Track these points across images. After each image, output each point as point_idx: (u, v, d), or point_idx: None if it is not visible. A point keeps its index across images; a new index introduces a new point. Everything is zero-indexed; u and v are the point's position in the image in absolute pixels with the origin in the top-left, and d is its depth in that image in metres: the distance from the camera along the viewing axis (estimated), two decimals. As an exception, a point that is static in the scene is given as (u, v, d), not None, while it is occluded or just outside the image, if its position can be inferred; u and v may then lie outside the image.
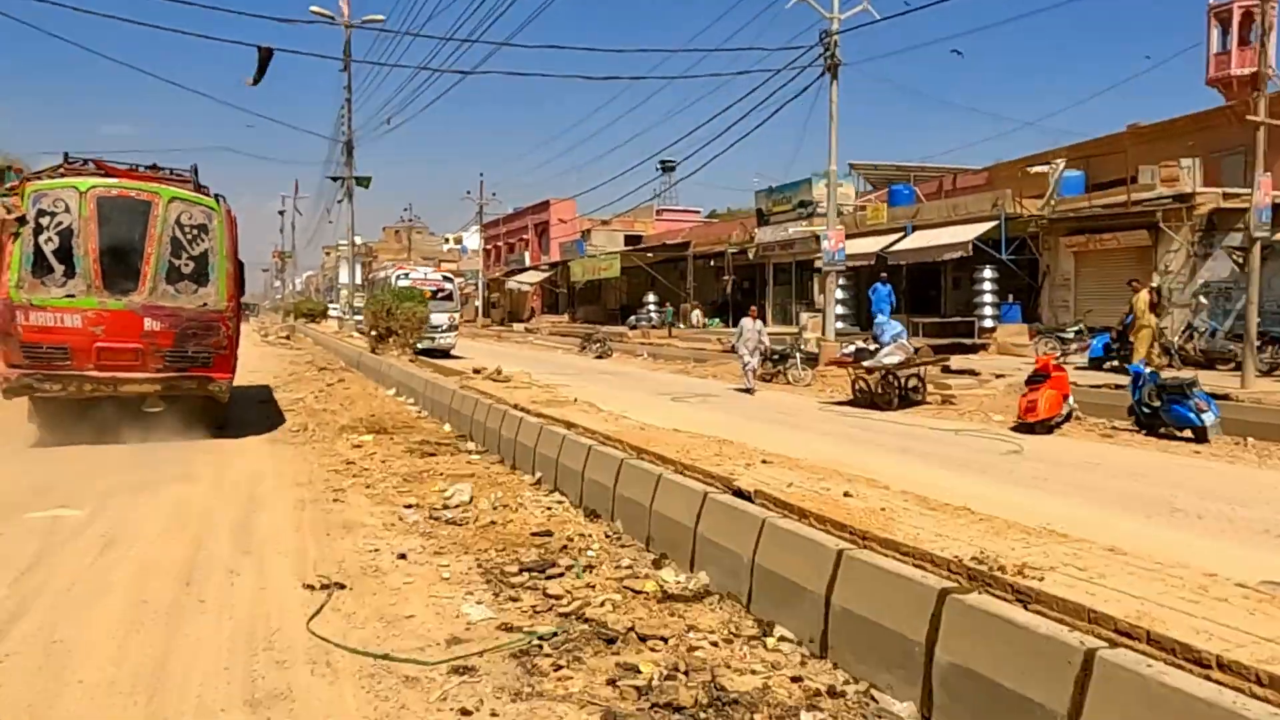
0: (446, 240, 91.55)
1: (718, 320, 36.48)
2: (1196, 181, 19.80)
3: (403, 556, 5.56)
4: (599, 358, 30.90)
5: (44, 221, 9.33)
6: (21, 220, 9.24)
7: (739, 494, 5.00)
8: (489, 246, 66.89)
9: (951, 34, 65.15)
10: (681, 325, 37.24)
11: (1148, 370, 12.78)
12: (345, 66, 27.55)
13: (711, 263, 38.34)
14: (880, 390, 15.41)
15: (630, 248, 43.15)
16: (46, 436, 10.03)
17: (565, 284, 52.03)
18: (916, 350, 16.01)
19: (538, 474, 7.87)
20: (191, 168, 10.60)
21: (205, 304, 10.01)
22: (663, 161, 63.55)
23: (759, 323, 17.69)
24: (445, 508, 6.80)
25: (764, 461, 5.83)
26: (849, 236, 29.43)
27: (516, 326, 50.62)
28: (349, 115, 29.13)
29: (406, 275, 28.08)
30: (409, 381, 14.80)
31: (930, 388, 15.84)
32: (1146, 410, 12.05)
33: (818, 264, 29.27)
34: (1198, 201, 19.37)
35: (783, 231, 31.05)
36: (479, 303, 59.30)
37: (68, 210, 9.41)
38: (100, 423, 10.00)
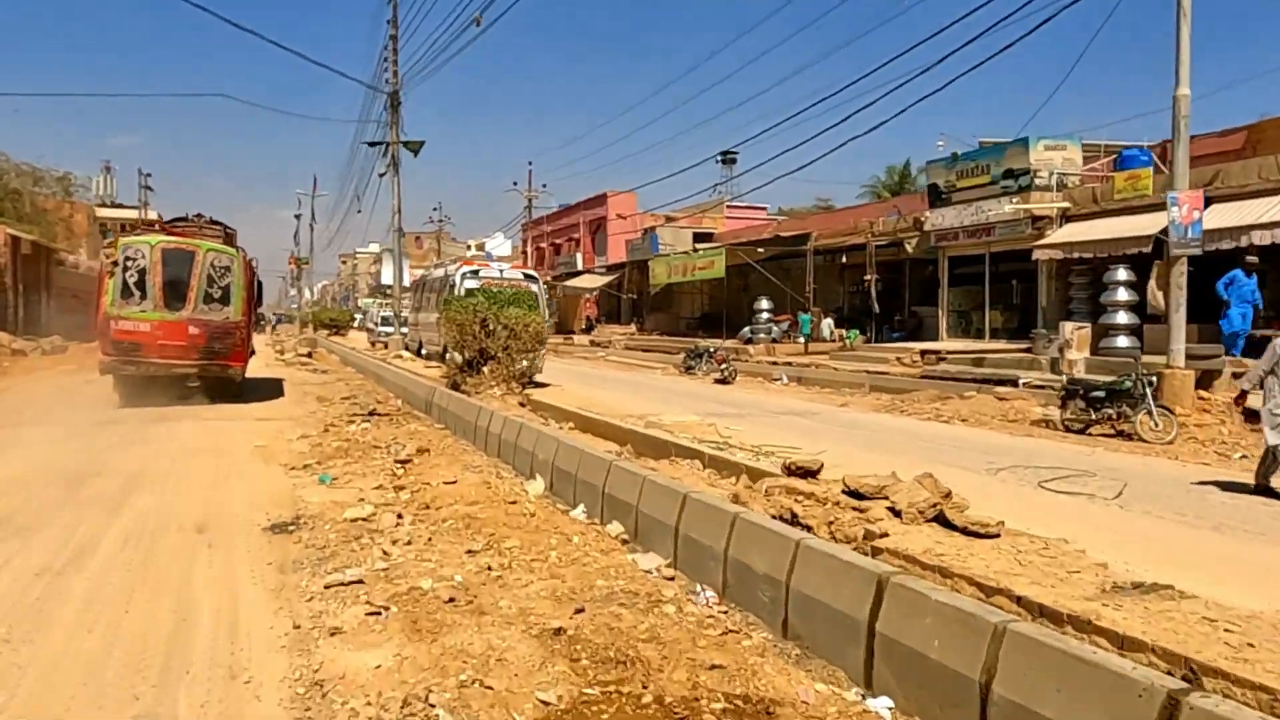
0: (469, 247, 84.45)
1: (857, 332, 28.42)
2: None
3: None
4: (721, 382, 23.13)
5: (128, 264, 13.89)
6: (115, 263, 13.90)
7: None
8: (530, 248, 59.13)
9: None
10: (804, 338, 29.29)
11: None
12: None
13: (843, 258, 30.34)
14: None
15: (735, 243, 35.14)
16: (124, 401, 14.13)
17: (635, 289, 44.15)
18: None
19: None
20: (224, 224, 15.74)
21: (227, 318, 14.38)
22: (723, 153, 55.87)
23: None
24: None
25: None
26: (1086, 216, 21.45)
27: (578, 339, 42.66)
28: (394, 55, 21.21)
29: (475, 273, 20.19)
30: (594, 476, 6.78)
31: None
32: None
33: (1037, 255, 21.29)
34: None
35: (973, 213, 23.00)
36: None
37: (143, 257, 13.97)
38: (158, 393, 14.14)
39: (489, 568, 5.25)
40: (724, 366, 23.36)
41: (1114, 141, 25.91)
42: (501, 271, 20.43)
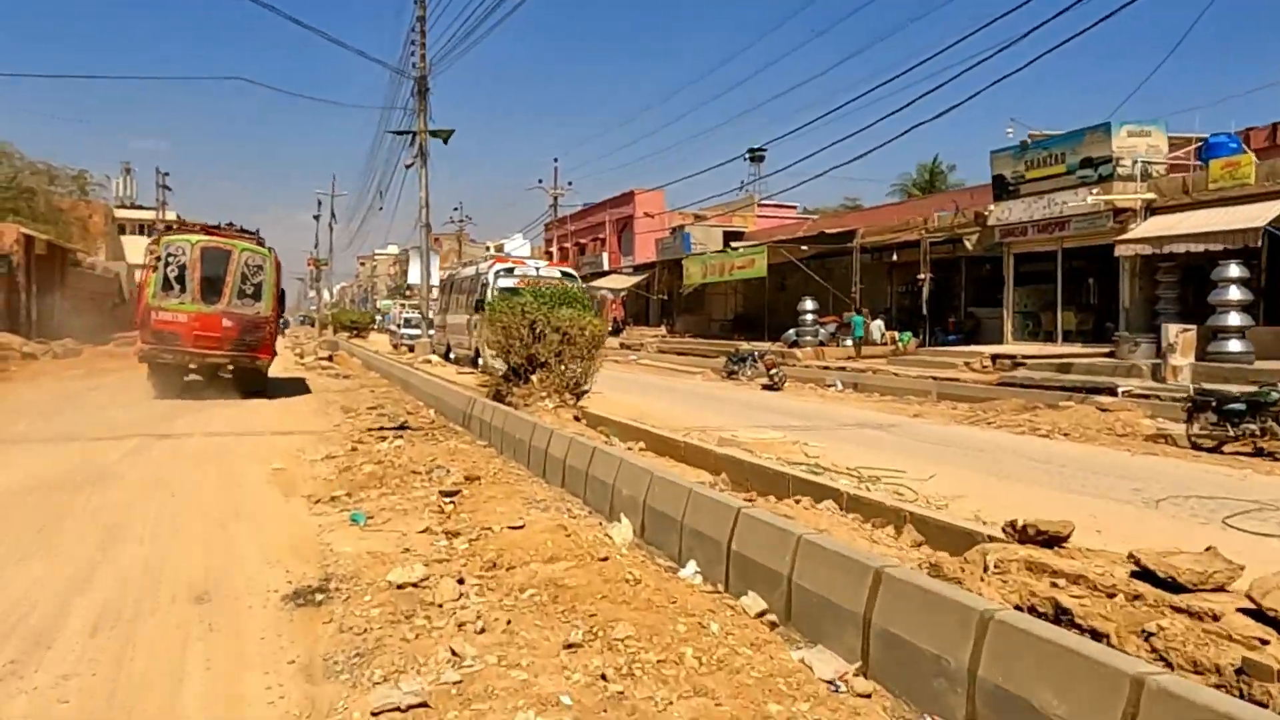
0: (488, 248, 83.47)
1: (910, 335, 26.73)
2: None
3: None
4: (769, 388, 21.60)
5: (170, 259, 14.91)
6: (158, 259, 14.92)
7: None
8: (554, 248, 57.67)
9: None
10: (849, 341, 27.63)
11: None
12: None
13: (894, 256, 28.66)
14: None
15: (777, 240, 33.49)
16: (158, 391, 15.07)
17: (665, 289, 42.58)
18: None
19: None
20: (256, 230, 16.63)
21: (258, 312, 15.36)
22: (751, 150, 54.26)
23: None
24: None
25: None
26: (1174, 208, 19.68)
27: (609, 341, 41.10)
28: (421, 38, 19.75)
29: (509, 270, 18.74)
30: (712, 527, 5.19)
31: None
32: None
33: (1121, 251, 19.55)
34: None
35: (1045, 206, 21.27)
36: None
37: (184, 254, 14.99)
38: (191, 383, 15.40)
39: (603, 676, 3.66)
40: (773, 372, 21.73)
41: (1179, 133, 23.93)
42: (538, 270, 18.95)
